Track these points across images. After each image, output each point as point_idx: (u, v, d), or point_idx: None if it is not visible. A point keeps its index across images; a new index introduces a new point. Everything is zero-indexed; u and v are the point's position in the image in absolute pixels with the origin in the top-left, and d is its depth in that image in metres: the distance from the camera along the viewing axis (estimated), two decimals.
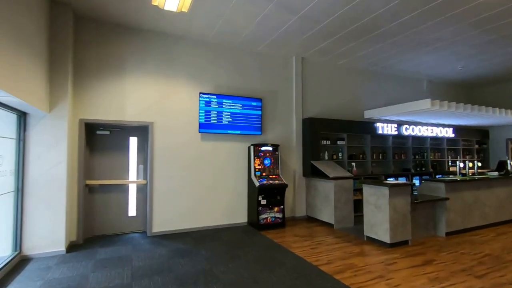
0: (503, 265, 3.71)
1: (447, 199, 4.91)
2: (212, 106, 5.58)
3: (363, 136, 7.09)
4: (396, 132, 7.37)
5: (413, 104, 5.99)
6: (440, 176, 7.90)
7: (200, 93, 5.49)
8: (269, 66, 6.29)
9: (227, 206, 5.73)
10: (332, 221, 5.58)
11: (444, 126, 8.35)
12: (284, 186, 5.56)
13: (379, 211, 4.51)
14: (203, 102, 5.51)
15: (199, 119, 5.46)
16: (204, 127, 5.50)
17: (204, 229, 5.47)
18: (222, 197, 5.69)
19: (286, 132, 6.40)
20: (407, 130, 7.55)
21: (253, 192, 5.56)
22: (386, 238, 4.39)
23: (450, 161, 8.13)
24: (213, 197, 5.62)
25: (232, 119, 5.75)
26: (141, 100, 5.11)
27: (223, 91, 5.79)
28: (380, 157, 7.27)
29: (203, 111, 5.50)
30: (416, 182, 7.47)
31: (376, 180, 5.33)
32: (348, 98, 7.17)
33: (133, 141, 5.35)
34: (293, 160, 6.39)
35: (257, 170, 5.62)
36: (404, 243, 4.52)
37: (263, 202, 5.44)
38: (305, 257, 4.00)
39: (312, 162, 6.17)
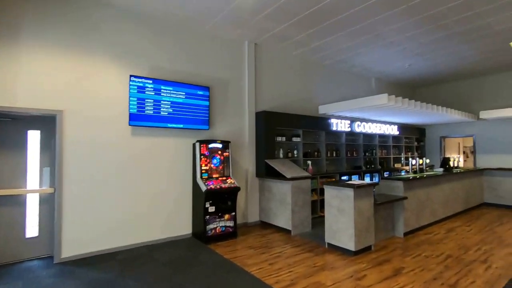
0: (467, 268, 3.52)
1: (405, 198, 4.71)
2: (147, 93, 4.48)
3: (318, 133, 6.71)
4: (349, 129, 7.18)
5: (370, 99, 5.76)
6: (388, 173, 8.01)
7: (131, 76, 4.35)
8: (218, 50, 5.41)
9: (167, 216, 4.71)
10: (289, 226, 5.00)
11: (390, 124, 8.52)
12: (236, 189, 4.78)
13: (343, 215, 4.04)
14: (135, 87, 4.38)
15: (130, 108, 4.33)
16: (137, 118, 4.38)
17: (137, 247, 4.37)
18: (160, 205, 4.65)
19: (238, 127, 5.62)
20: (359, 127, 7.44)
21: (199, 198, 4.65)
22: (351, 245, 3.93)
23: (403, 158, 8.32)
24: (148, 206, 4.55)
25: (174, 110, 4.74)
26: (45, 81, 3.77)
27: (162, 76, 4.73)
28: (334, 155, 7.00)
29: (135, 99, 4.38)
30: (367, 179, 7.41)
31: (341, 181, 4.90)
32: (303, 92, 6.71)
33: (34, 136, 3.97)
34: (246, 159, 5.65)
35: (204, 171, 4.72)
36: (367, 248, 4.14)
37: (211, 209, 4.58)
38: (264, 278, 3.28)
39: (266, 161, 5.51)
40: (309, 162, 6.17)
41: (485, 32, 5.33)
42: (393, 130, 8.56)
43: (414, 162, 5.87)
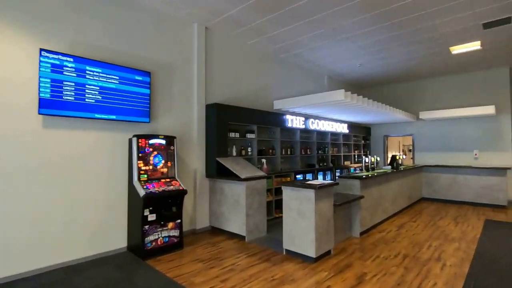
0: (426, 269, 3.45)
1: (362, 197, 4.58)
2: (66, 74, 3.53)
3: (273, 129, 6.35)
4: (304, 126, 6.98)
5: (327, 95, 5.57)
6: (339, 171, 8.07)
7: (42, 50, 3.36)
8: (163, 30, 4.63)
9: (95, 229, 3.81)
10: (243, 232, 4.50)
11: (341, 122, 8.63)
12: (183, 192, 4.10)
13: (303, 218, 3.68)
14: (48, 65, 3.40)
15: (40, 92, 3.34)
16: (50, 105, 3.41)
17: (52, 270, 3.42)
18: (85, 216, 3.74)
19: (185, 121, 4.91)
20: (313, 124, 7.30)
21: (136, 205, 3.86)
22: (311, 252, 3.59)
23: (356, 155, 8.43)
24: (70, 218, 3.61)
25: (103, 98, 3.85)
26: None
27: (88, 54, 3.80)
28: (289, 152, 6.72)
29: (48, 80, 3.40)
30: (320, 177, 7.33)
31: (297, 181, 4.55)
32: (258, 85, 6.26)
33: None
34: (194, 158, 4.98)
35: (142, 172, 3.94)
36: (327, 253, 3.86)
37: (152, 217, 3.83)
38: None
39: (218, 159, 4.92)
40: (264, 160, 5.76)
41: (431, 34, 5.52)
42: (344, 128, 8.68)
43: (367, 160, 5.88)
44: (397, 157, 6.78)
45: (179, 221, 4.11)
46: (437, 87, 8.80)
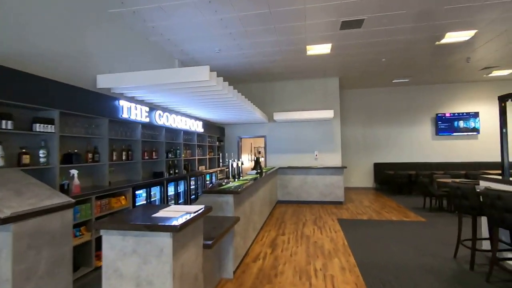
0: None
1: (237, 219, 3.18)
2: None
3: (96, 120, 3.94)
4: (148, 119, 4.93)
5: (185, 73, 3.83)
6: (195, 179, 6.50)
7: None
8: None
9: None
10: None
11: (196, 119, 7.12)
12: None
13: None
14: None
15: None
16: None
17: None
18: None
19: None
20: (161, 118, 5.36)
21: None
22: None
23: (209, 158, 6.99)
24: None
25: None
26: None
27: None
28: (125, 157, 4.47)
29: None
30: (171, 189, 5.47)
31: (144, 211, 2.57)
32: (70, 46, 3.66)
33: None
34: None
35: None
36: None
37: None
38: None
39: None
40: (74, 171, 3.29)
41: (293, 36, 5.00)
42: (198, 127, 7.23)
43: (234, 165, 4.61)
44: (260, 160, 6.00)
45: None
46: (286, 90, 8.99)
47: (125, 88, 4.16)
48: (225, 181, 4.21)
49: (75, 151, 3.54)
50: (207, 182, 7.25)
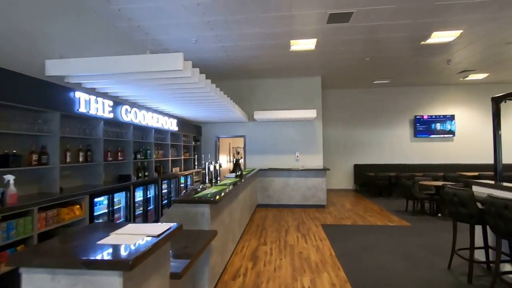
0: None
1: (215, 234, 2.69)
2: None
3: (45, 115, 3.28)
4: (112, 115, 4.29)
5: (155, 60, 3.28)
6: (168, 182, 5.91)
7: None
8: None
9: None
10: None
11: (169, 116, 6.52)
12: None
13: None
14: None
15: None
16: None
17: None
18: None
19: None
20: (128, 114, 4.74)
21: None
22: None
23: (196, 161, 6.42)
24: None
25: None
26: None
27: None
28: (82, 159, 3.82)
29: None
30: (139, 194, 4.86)
31: (94, 223, 2.00)
32: (13, 25, 2.99)
33: None
34: None
35: None
36: None
37: None
38: None
39: None
40: (9, 177, 2.63)
41: (277, 28, 4.60)
42: (172, 125, 6.63)
43: (211, 167, 4.11)
44: (240, 162, 5.54)
45: None
46: (267, 88, 8.59)
47: (82, 77, 3.52)
48: (200, 186, 3.70)
49: (14, 151, 2.87)
50: (181, 185, 6.66)
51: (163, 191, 5.71)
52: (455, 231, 3.37)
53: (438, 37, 5.54)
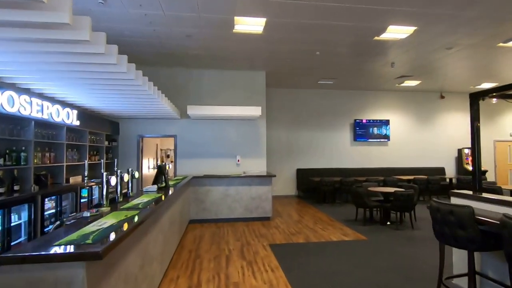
0: None
1: None
2: None
3: None
4: None
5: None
6: (56, 199, 4.13)
7: None
8: None
9: None
10: None
11: (66, 105, 4.70)
12: None
13: None
14: None
15: None
16: None
17: None
18: None
19: None
20: None
21: None
22: None
23: (88, 164, 4.64)
24: None
25: None
26: None
27: None
28: None
29: None
30: None
31: None
32: None
33: None
34: None
35: None
36: None
37: None
38: None
39: None
40: None
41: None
42: (71, 118, 4.82)
43: (114, 182, 2.64)
44: (166, 168, 4.14)
45: None
46: (205, 80, 7.31)
47: None
48: (92, 211, 2.24)
49: None
50: (81, 201, 4.85)
51: (47, 213, 3.90)
52: (442, 256, 2.68)
53: (393, 32, 5.14)
